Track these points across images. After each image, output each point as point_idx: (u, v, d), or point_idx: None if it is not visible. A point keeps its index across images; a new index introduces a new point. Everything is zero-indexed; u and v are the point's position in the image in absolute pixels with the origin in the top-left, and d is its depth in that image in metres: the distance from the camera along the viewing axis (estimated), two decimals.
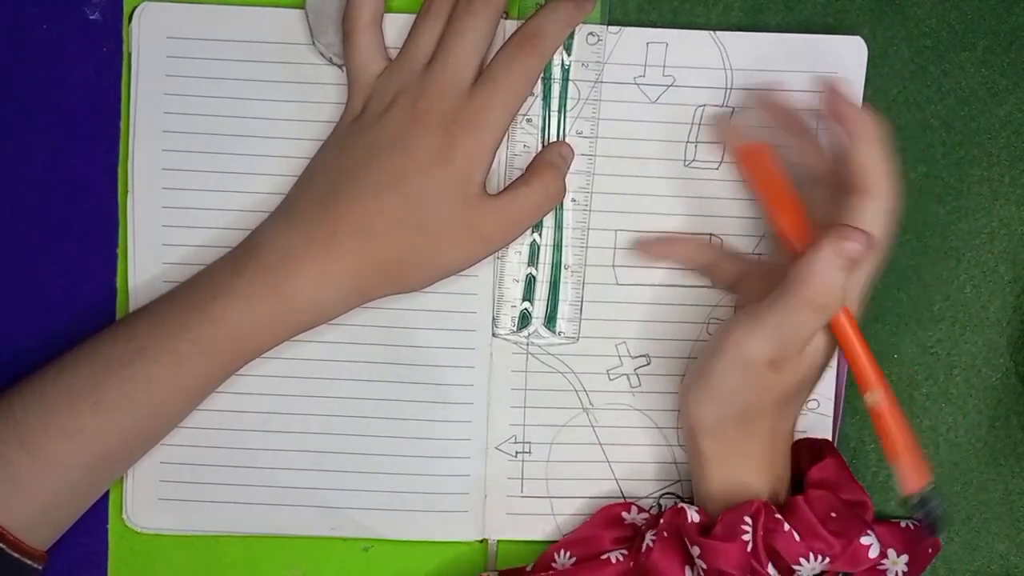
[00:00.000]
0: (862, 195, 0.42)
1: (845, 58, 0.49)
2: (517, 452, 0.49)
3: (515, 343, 0.49)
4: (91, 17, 0.48)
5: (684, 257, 0.49)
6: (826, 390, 0.49)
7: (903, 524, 0.48)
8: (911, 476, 0.40)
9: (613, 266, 0.49)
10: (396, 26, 0.47)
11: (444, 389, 0.49)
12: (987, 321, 0.51)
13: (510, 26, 0.47)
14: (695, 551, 0.43)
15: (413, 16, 0.46)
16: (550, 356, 0.49)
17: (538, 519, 0.49)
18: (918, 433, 0.51)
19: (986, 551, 0.51)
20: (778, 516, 0.42)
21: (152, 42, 0.47)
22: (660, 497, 0.50)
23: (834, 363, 0.49)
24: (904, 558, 0.46)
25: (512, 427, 0.49)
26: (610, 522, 0.48)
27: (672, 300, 0.49)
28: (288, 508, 0.48)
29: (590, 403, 0.49)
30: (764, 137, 0.46)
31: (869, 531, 0.43)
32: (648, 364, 0.49)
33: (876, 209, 0.42)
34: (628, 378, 0.49)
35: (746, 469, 0.44)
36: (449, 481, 0.49)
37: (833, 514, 0.43)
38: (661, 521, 0.44)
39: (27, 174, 0.48)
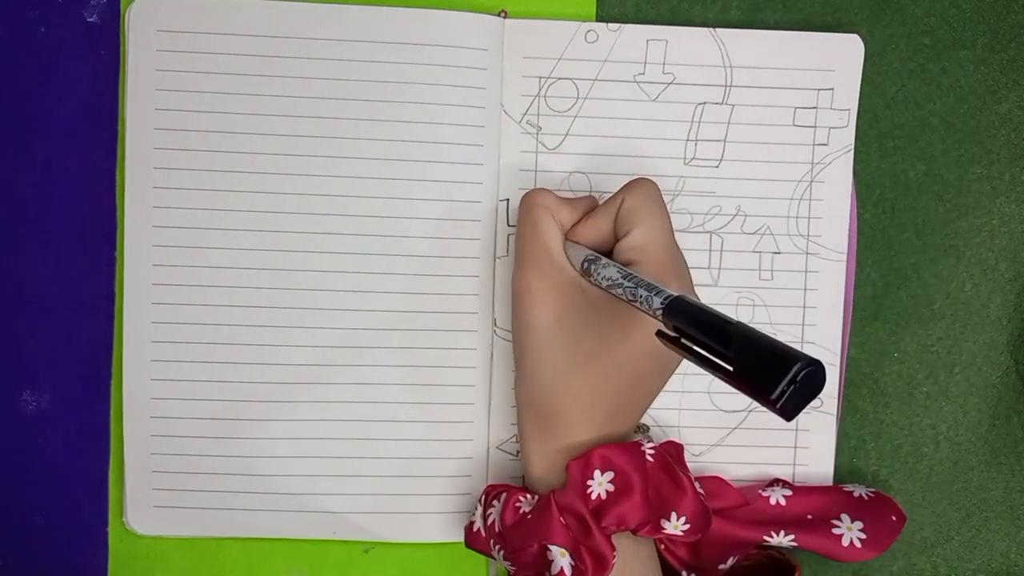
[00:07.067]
0: (624, 239, 0.43)
1: (843, 56, 0.49)
2: (518, 452, 0.49)
3: None
4: (89, 20, 0.47)
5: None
6: (829, 388, 0.49)
7: (856, 493, 0.48)
8: None
9: None
10: (377, 18, 0.47)
11: (445, 389, 0.48)
12: (987, 319, 0.51)
13: (509, 25, 0.48)
14: None
15: (402, 10, 0.47)
16: None
17: None
18: (919, 432, 0.51)
19: (986, 549, 0.51)
20: (519, 504, 0.42)
21: (143, 37, 0.46)
22: None
23: (836, 360, 0.49)
24: (858, 524, 0.47)
25: (513, 427, 0.49)
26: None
27: None
28: (288, 511, 0.48)
29: None
30: None
31: (552, 547, 0.41)
32: None
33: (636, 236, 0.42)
34: None
35: (554, 434, 0.43)
36: (450, 482, 0.49)
37: (530, 516, 0.42)
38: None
39: (26, 176, 0.48)
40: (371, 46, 0.47)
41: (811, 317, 0.49)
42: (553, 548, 0.40)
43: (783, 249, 0.49)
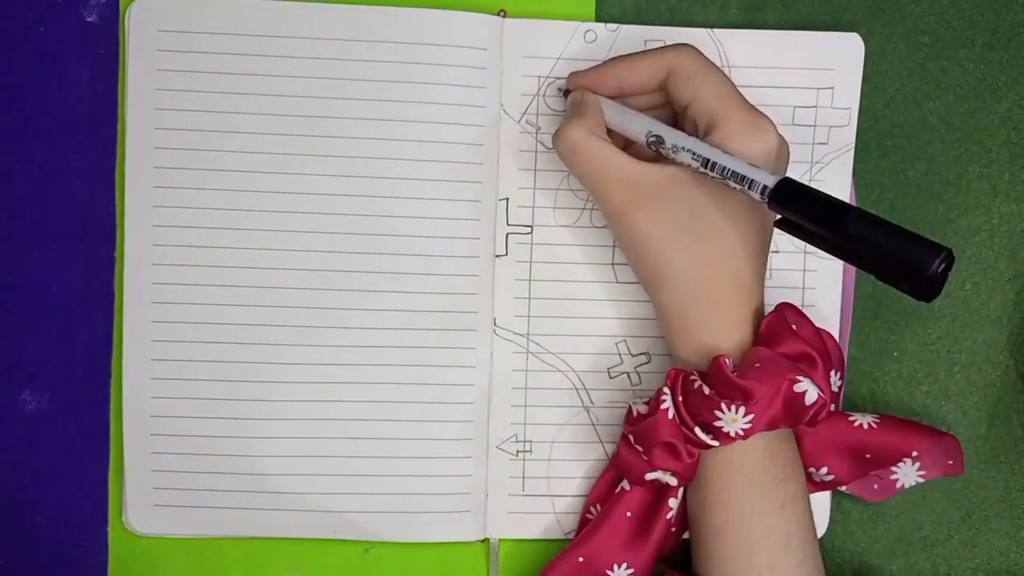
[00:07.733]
0: (714, 133, 0.42)
1: (843, 55, 0.49)
2: (518, 451, 0.49)
3: (515, 342, 0.49)
4: (88, 19, 0.48)
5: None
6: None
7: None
8: None
9: (613, 264, 0.49)
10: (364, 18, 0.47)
11: (445, 389, 0.48)
12: (987, 318, 0.51)
13: (508, 24, 0.48)
14: (632, 438, 0.44)
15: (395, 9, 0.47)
16: (550, 354, 0.49)
17: (540, 518, 0.49)
18: None
19: (986, 548, 0.51)
20: (693, 377, 0.42)
21: (143, 36, 0.46)
22: None
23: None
24: (916, 464, 0.47)
25: (513, 426, 0.49)
26: None
27: None
28: (288, 511, 0.48)
29: (591, 401, 0.49)
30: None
31: (800, 376, 0.41)
32: (649, 362, 0.49)
33: (732, 136, 0.42)
34: (629, 376, 0.49)
35: (710, 328, 0.43)
36: (450, 481, 0.49)
37: (757, 364, 0.41)
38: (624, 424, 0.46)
39: (25, 176, 0.48)
40: (371, 45, 0.47)
41: (810, 316, 0.49)
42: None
43: (782, 248, 0.49)
